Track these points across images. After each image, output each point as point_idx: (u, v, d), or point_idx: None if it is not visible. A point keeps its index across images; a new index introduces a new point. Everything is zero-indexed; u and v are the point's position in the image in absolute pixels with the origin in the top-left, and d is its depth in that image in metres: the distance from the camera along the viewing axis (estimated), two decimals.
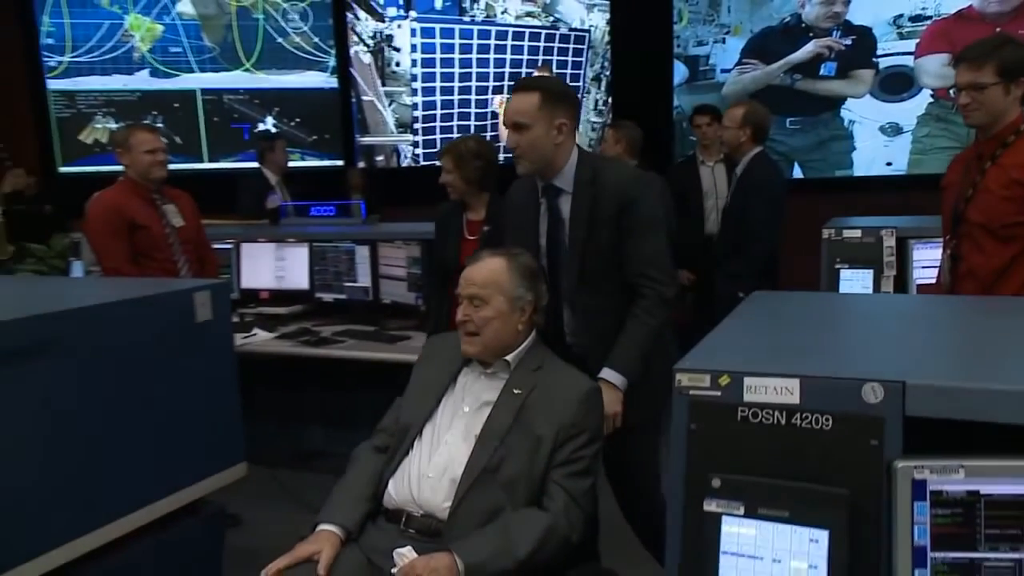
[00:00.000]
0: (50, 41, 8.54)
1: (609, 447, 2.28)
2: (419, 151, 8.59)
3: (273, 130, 8.48)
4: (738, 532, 1.13)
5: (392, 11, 8.37)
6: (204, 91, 8.66)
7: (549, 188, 2.35)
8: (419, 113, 8.51)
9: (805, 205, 4.73)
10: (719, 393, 1.19)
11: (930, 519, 1.04)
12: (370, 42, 8.48)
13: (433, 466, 1.95)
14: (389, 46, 8.44)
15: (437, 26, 8.32)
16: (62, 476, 1.83)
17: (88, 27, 8.54)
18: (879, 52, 7.25)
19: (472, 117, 8.45)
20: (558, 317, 2.36)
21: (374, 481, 2.01)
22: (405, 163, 8.62)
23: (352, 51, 8.49)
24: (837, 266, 3.16)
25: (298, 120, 8.67)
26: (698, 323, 4.41)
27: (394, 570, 1.77)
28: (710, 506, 1.15)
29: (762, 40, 7.49)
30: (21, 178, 7.28)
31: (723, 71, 7.64)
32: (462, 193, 3.23)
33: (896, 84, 7.24)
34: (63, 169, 8.56)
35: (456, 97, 8.43)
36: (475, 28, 8.27)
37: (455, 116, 8.45)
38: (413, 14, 8.34)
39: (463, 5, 8.25)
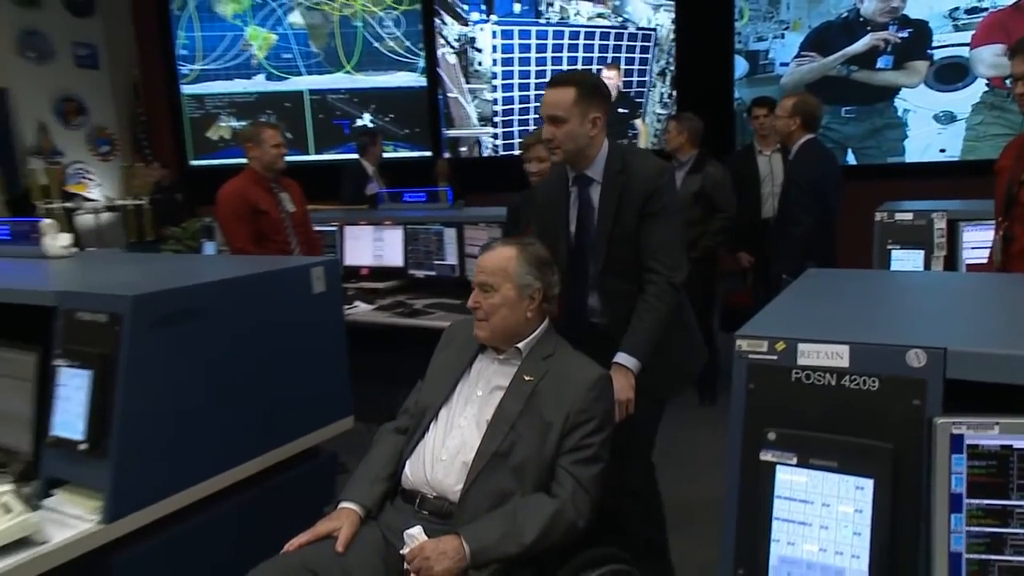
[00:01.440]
0: (184, 52, 8.91)
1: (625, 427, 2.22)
2: (499, 142, 8.66)
3: (370, 125, 8.66)
4: (791, 479, 1.15)
5: (475, 15, 8.43)
6: (311, 92, 8.90)
7: (580, 178, 2.26)
8: (499, 108, 8.58)
9: (858, 191, 4.61)
10: (775, 357, 1.21)
11: (966, 470, 1.05)
12: (455, 44, 8.57)
13: (447, 449, 1.85)
14: (472, 47, 8.51)
15: (515, 28, 8.34)
16: (209, 421, 1.95)
17: (214, 39, 8.87)
18: (934, 44, 6.98)
19: None
20: (584, 299, 2.29)
21: (393, 461, 1.92)
22: (486, 153, 8.71)
23: (439, 53, 8.60)
24: (889, 247, 3.09)
25: (392, 116, 8.84)
26: (756, 302, 4.37)
27: (404, 550, 1.69)
28: (766, 456, 1.18)
29: (820, 34, 7.30)
30: (157, 171, 7.64)
31: (782, 64, 7.48)
32: None
33: (951, 74, 6.97)
34: (193, 162, 8.94)
35: (532, 93, 8.44)
36: (550, 29, 8.26)
37: (531, 110, 8.46)
38: (494, 18, 8.38)
39: (539, 8, 8.25)
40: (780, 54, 7.48)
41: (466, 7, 8.46)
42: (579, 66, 8.19)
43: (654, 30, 8.09)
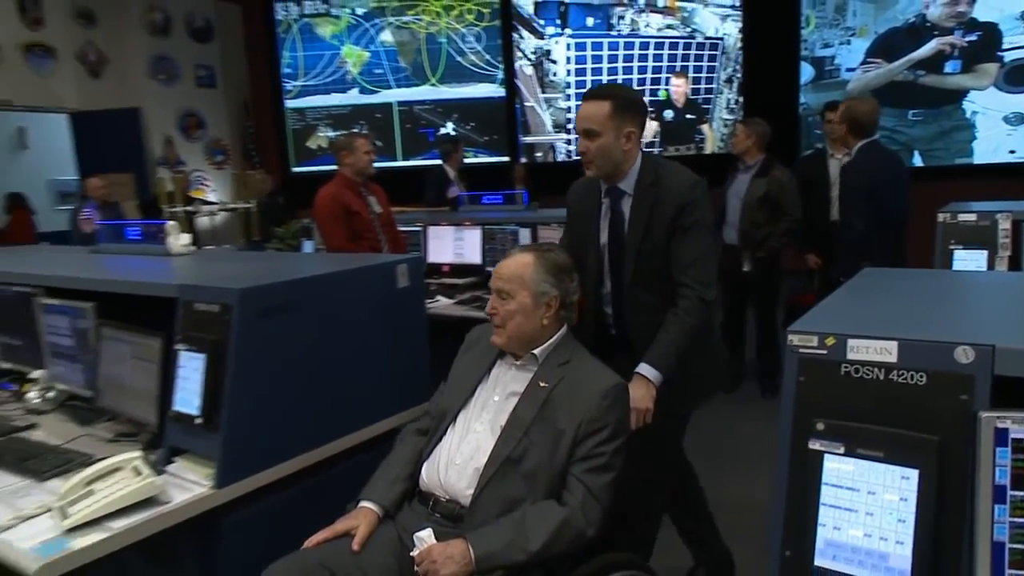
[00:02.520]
0: (288, 70, 9.22)
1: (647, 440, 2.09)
2: (572, 148, 8.64)
3: (453, 133, 8.76)
4: (838, 468, 1.13)
5: (551, 30, 8.44)
6: (399, 103, 9.07)
7: (612, 190, 2.09)
8: (572, 115, 8.55)
9: (926, 192, 4.41)
10: (825, 352, 1.18)
11: (1010, 463, 1.01)
12: (532, 56, 8.60)
13: (461, 453, 1.74)
14: (547, 59, 8.52)
15: (588, 40, 8.32)
16: (304, 402, 2.00)
17: (314, 58, 9.14)
18: (1005, 46, 6.59)
19: None
20: (610, 310, 2.14)
21: (413, 462, 1.83)
22: (560, 158, 8.70)
23: (517, 65, 8.64)
24: (951, 247, 2.94)
25: (473, 124, 8.92)
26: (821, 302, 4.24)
27: (413, 552, 1.61)
28: (814, 445, 1.16)
29: (887, 40, 7.00)
30: (264, 177, 7.93)
31: (848, 70, 7.22)
32: None
33: (1022, 75, 6.55)
34: (294, 169, 9.23)
35: None
36: (621, 40, 8.20)
37: None
38: (568, 31, 8.37)
39: (611, 22, 8.19)
40: (846, 60, 7.20)
41: (542, 22, 8.47)
42: (648, 75, 8.10)
43: (721, 39, 7.91)
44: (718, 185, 4.54)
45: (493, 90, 8.82)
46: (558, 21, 8.40)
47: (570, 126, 8.56)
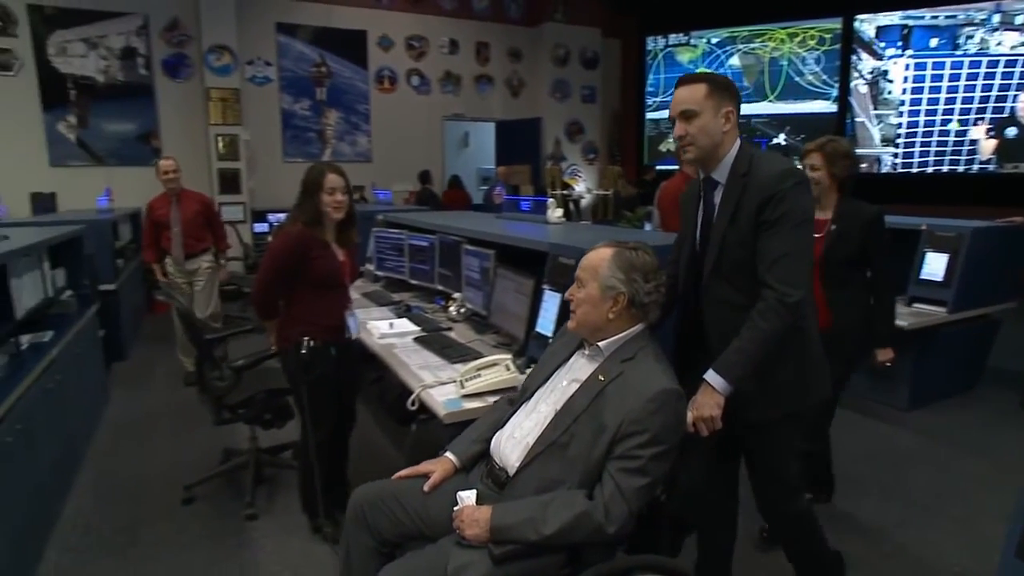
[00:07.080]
0: (651, 90, 9.40)
1: (745, 448, 1.70)
2: (898, 160, 7.37)
3: (783, 143, 8.12)
4: None
5: (890, 51, 7.22)
6: (740, 116, 8.63)
7: (708, 181, 1.63)
8: (902, 131, 7.29)
9: None
10: None
11: None
12: (868, 76, 7.49)
13: (521, 427, 1.52)
14: (884, 79, 7.32)
15: (929, 60, 6.93)
16: None
17: (673, 79, 9.09)
18: None
19: (951, 134, 6.88)
20: (697, 305, 1.66)
21: (494, 428, 1.62)
22: (884, 170, 7.49)
23: (852, 84, 7.60)
24: None
25: (803, 136, 8.18)
26: None
27: (455, 508, 1.45)
28: None
29: None
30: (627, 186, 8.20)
31: None
32: (824, 190, 2.39)
33: None
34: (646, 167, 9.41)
35: (938, 118, 6.99)
36: (966, 60, 6.67)
37: (935, 134, 6.99)
38: (909, 52, 7.06)
39: (957, 42, 6.68)
40: None
41: (882, 44, 7.26)
42: (993, 92, 6.46)
43: None
44: None
45: (826, 106, 7.88)
46: (899, 43, 7.10)
47: (899, 141, 7.27)
